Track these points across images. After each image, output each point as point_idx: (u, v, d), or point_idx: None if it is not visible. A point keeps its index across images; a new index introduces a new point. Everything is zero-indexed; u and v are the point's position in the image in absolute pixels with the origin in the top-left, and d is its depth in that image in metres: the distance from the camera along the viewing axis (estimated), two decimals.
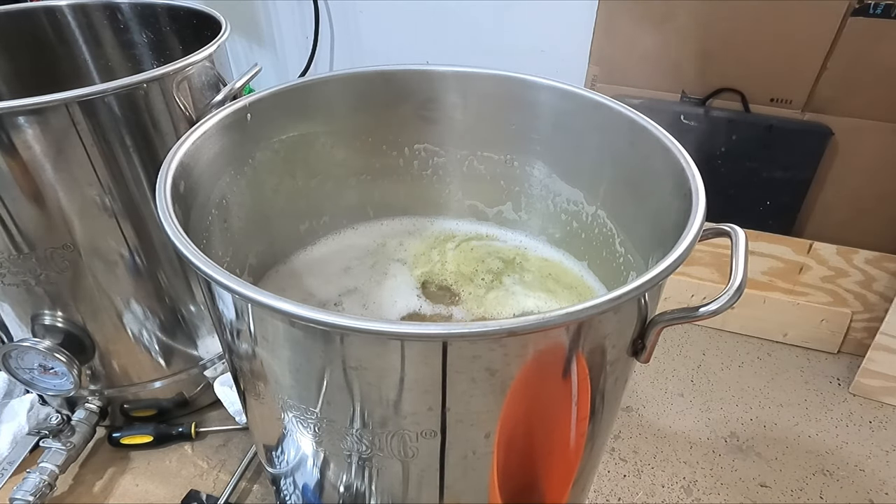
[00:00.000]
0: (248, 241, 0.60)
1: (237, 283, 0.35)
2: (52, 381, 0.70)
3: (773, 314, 0.99)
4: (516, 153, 0.65)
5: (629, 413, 0.88)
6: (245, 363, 0.44)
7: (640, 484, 0.78)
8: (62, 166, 0.58)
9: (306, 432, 0.44)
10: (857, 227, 1.00)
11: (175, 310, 0.74)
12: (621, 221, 0.58)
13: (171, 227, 0.39)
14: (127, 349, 0.74)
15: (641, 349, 0.42)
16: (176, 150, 0.47)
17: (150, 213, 0.65)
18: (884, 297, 0.94)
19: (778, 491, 0.78)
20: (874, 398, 0.91)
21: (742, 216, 1.02)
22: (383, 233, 0.71)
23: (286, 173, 0.62)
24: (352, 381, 0.38)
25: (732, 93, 0.98)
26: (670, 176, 0.47)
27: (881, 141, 0.94)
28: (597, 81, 1.06)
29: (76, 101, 0.55)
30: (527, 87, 0.59)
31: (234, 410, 0.80)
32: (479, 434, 0.41)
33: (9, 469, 0.73)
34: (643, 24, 0.98)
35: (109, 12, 0.79)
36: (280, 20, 1.46)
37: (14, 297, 0.66)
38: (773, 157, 0.98)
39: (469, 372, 0.36)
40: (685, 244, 0.38)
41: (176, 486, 0.75)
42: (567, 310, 0.33)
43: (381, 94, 0.62)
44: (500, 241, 0.70)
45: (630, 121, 0.53)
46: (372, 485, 0.46)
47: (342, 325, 0.33)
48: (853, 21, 0.87)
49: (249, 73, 0.66)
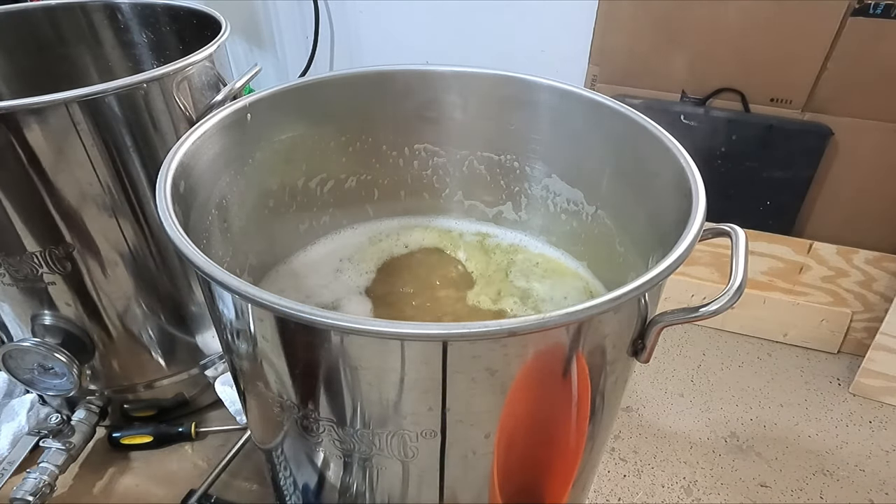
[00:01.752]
0: (248, 241, 0.60)
1: (237, 283, 0.35)
2: (52, 381, 0.70)
3: (773, 314, 0.99)
4: (516, 153, 0.65)
5: (629, 413, 0.88)
6: (245, 363, 0.44)
7: (640, 484, 0.78)
8: (62, 166, 0.57)
9: (306, 432, 0.44)
10: (857, 227, 1.00)
11: (175, 310, 0.74)
12: (621, 221, 0.58)
13: (172, 227, 0.39)
14: (127, 349, 0.74)
15: (641, 349, 0.42)
16: (176, 150, 0.47)
17: (151, 213, 0.65)
18: (884, 297, 0.94)
19: (778, 491, 0.78)
20: (874, 398, 0.91)
21: (742, 216, 1.02)
22: (383, 233, 0.71)
23: (286, 173, 0.62)
24: (352, 381, 0.38)
25: (732, 93, 0.98)
26: (670, 176, 0.47)
27: (881, 141, 0.94)
28: (597, 81, 1.06)
29: (76, 101, 0.55)
30: (527, 87, 0.59)
31: (235, 410, 0.80)
32: (479, 434, 0.41)
33: (9, 469, 0.73)
34: (643, 24, 0.98)
35: (109, 12, 0.79)
36: (280, 20, 1.46)
37: (14, 297, 0.66)
38: (773, 157, 0.98)
39: (469, 372, 0.36)
40: (685, 244, 0.38)
41: (176, 486, 0.75)
42: (567, 310, 0.33)
43: (382, 94, 0.62)
44: (500, 240, 0.70)
45: (630, 121, 0.53)
46: (372, 485, 0.46)
47: (342, 325, 0.33)
48: (853, 21, 0.87)
49: (249, 73, 0.66)
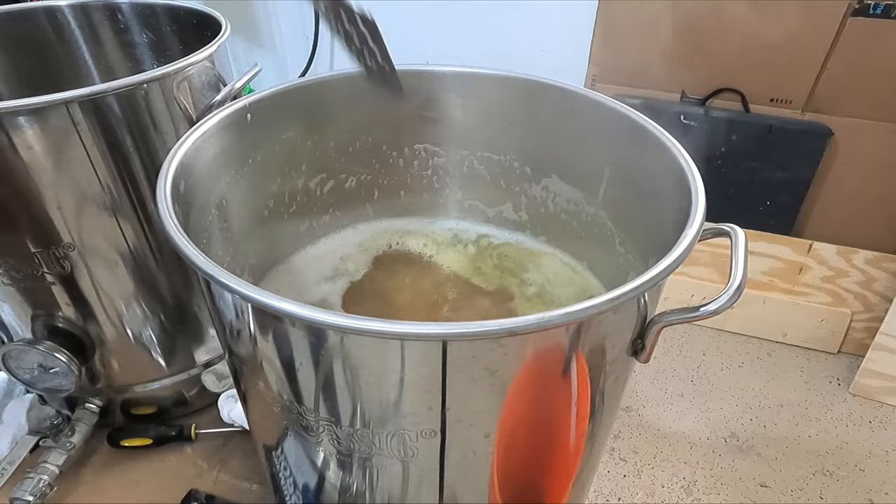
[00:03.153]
0: (248, 241, 0.60)
1: (237, 283, 0.35)
2: (52, 381, 0.70)
3: (773, 314, 0.99)
4: (516, 153, 0.65)
5: (629, 413, 0.88)
6: (245, 363, 0.44)
7: (640, 484, 0.78)
8: (62, 166, 0.57)
9: (306, 432, 0.44)
10: (857, 227, 1.00)
11: (175, 310, 0.74)
12: (621, 221, 0.58)
13: (172, 227, 0.39)
14: (127, 349, 0.74)
15: (641, 349, 0.42)
16: (176, 150, 0.47)
17: (150, 213, 0.65)
18: (884, 297, 0.94)
19: (778, 491, 0.78)
20: (874, 398, 0.91)
21: (742, 216, 1.02)
22: (383, 232, 0.71)
23: (286, 173, 0.62)
24: (352, 381, 0.38)
25: (732, 93, 0.98)
26: (670, 176, 0.47)
27: (881, 141, 0.94)
28: (597, 81, 1.06)
29: (76, 101, 0.55)
30: (527, 87, 0.59)
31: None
32: (479, 434, 0.41)
33: (9, 469, 0.73)
34: (643, 24, 0.98)
35: (109, 12, 0.79)
36: (280, 20, 1.46)
37: (14, 297, 0.66)
38: (773, 157, 0.98)
39: (469, 372, 0.36)
40: (685, 244, 0.38)
41: (176, 486, 0.75)
42: (567, 310, 0.33)
43: (381, 94, 0.62)
44: (500, 240, 0.70)
45: (630, 121, 0.53)
46: (372, 485, 0.46)
47: (342, 325, 0.33)
48: (853, 21, 0.87)
49: (249, 73, 0.66)
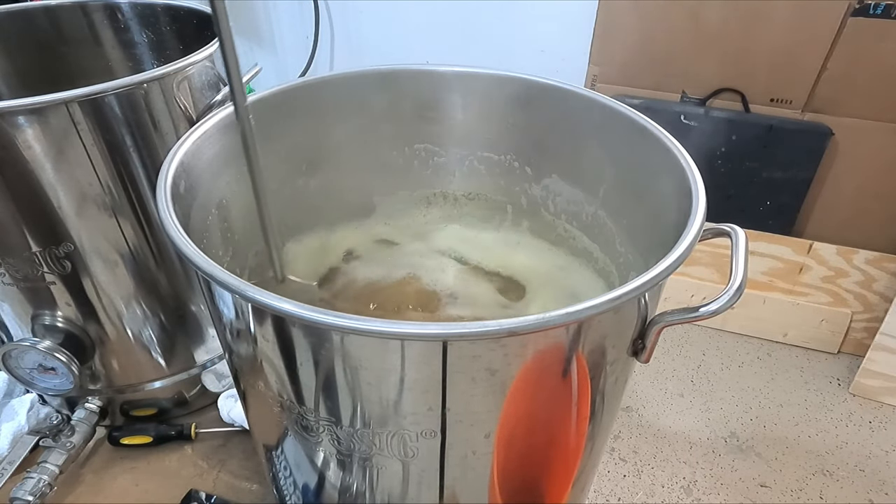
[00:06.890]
0: (248, 241, 0.60)
1: (237, 283, 0.35)
2: (52, 381, 0.70)
3: (773, 314, 0.99)
4: (516, 153, 0.65)
5: (629, 413, 0.88)
6: (245, 363, 0.44)
7: (640, 484, 0.78)
8: (62, 166, 0.58)
9: (306, 432, 0.44)
10: (857, 227, 1.00)
11: (175, 310, 0.74)
12: (621, 222, 0.58)
13: (172, 226, 0.39)
14: (127, 349, 0.74)
15: (641, 349, 0.42)
16: (176, 150, 0.47)
17: (150, 213, 0.65)
18: (884, 297, 0.94)
19: (778, 491, 0.78)
20: (874, 398, 0.91)
21: (742, 216, 1.02)
22: (383, 232, 0.71)
23: (286, 173, 0.62)
24: (352, 381, 0.38)
25: (732, 93, 0.98)
26: (670, 176, 0.47)
27: (881, 141, 0.94)
28: (597, 81, 1.06)
29: (76, 101, 0.55)
30: (527, 87, 0.59)
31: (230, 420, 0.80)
32: (479, 434, 0.41)
33: (9, 469, 0.73)
34: (643, 24, 0.98)
35: (109, 12, 0.79)
36: (280, 20, 1.46)
37: (14, 297, 0.66)
38: (773, 157, 0.98)
39: (469, 372, 0.36)
40: (685, 244, 0.38)
41: (176, 486, 0.75)
42: (567, 310, 0.33)
43: (382, 94, 0.62)
44: (500, 241, 0.70)
45: (630, 121, 0.53)
46: (372, 485, 0.46)
47: (342, 325, 0.33)
48: (853, 21, 0.87)
49: (249, 73, 0.66)
